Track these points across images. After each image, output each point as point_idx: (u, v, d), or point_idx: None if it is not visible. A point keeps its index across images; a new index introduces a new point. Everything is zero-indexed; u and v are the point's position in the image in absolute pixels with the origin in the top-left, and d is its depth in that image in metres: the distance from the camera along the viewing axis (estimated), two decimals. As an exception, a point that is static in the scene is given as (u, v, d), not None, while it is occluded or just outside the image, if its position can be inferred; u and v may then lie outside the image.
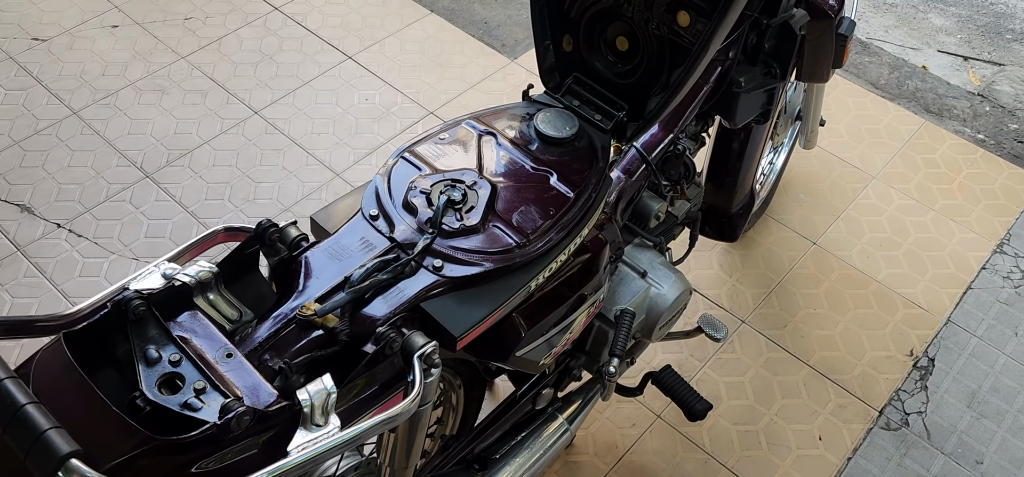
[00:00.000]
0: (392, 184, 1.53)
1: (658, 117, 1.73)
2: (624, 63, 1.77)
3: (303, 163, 2.83)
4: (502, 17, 3.48)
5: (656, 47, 1.70)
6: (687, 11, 1.63)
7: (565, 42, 1.83)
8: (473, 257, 1.44)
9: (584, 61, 1.82)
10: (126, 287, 1.26)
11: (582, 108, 1.80)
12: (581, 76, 1.83)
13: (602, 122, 1.76)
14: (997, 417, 2.31)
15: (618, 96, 1.79)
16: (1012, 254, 2.71)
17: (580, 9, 1.77)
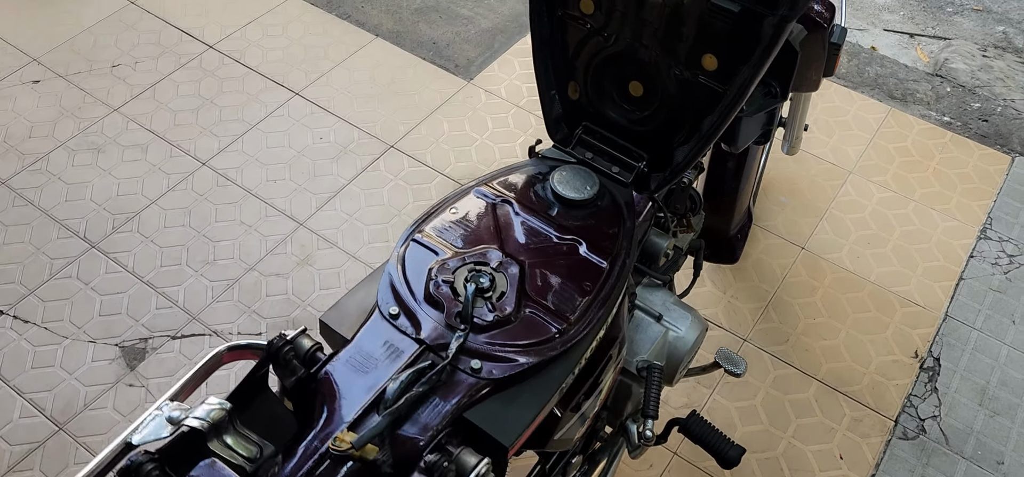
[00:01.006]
0: (408, 274, 1.38)
1: (688, 168, 1.61)
2: (640, 109, 1.65)
3: (262, 215, 2.64)
4: (450, 35, 3.33)
5: (677, 91, 1.58)
6: (714, 54, 1.51)
7: (571, 90, 1.70)
8: (513, 352, 1.30)
9: (594, 109, 1.69)
10: (130, 442, 1.09)
11: (596, 160, 1.67)
12: (592, 125, 1.70)
13: (621, 174, 1.64)
14: (1010, 413, 2.28)
15: (635, 144, 1.67)
16: (996, 238, 2.69)
17: (589, 54, 1.64)
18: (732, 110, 1.52)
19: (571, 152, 1.69)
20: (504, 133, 2.93)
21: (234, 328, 2.35)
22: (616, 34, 1.59)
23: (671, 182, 1.65)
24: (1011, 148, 3.00)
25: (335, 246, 2.56)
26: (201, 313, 2.38)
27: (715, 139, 1.57)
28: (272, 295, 2.43)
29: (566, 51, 1.67)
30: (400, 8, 3.44)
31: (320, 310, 2.39)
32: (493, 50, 3.27)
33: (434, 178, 2.77)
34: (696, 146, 1.59)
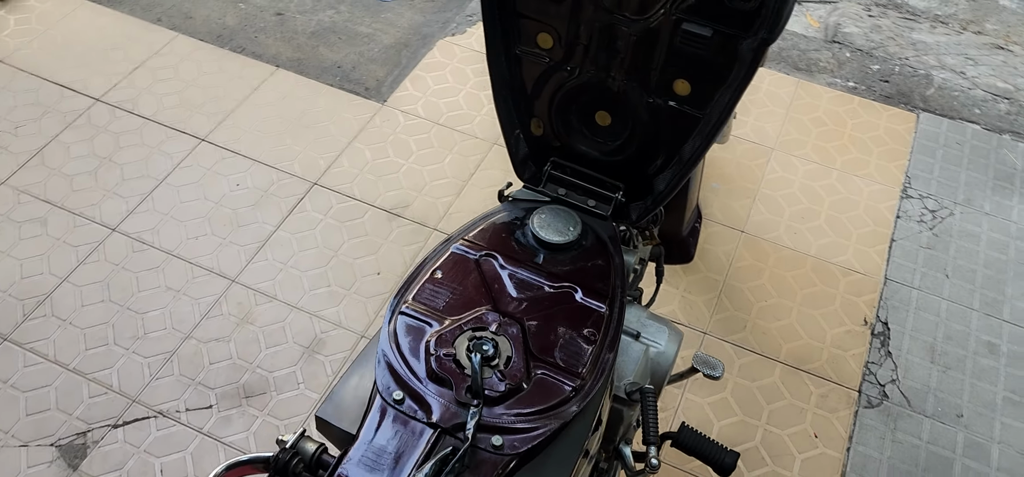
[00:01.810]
0: (403, 351, 1.29)
1: (671, 195, 1.58)
2: (610, 139, 1.61)
3: (188, 276, 2.47)
4: (353, 56, 3.21)
5: (649, 118, 1.54)
6: (687, 79, 1.47)
7: (534, 126, 1.65)
8: (532, 420, 1.24)
9: (561, 143, 1.64)
10: None
11: (571, 196, 1.62)
12: (560, 160, 1.65)
13: (599, 208, 1.60)
14: (959, 366, 2.37)
15: (609, 174, 1.63)
16: (917, 196, 2.80)
17: (551, 88, 1.59)
18: (715, 134, 1.49)
19: (543, 191, 1.64)
20: (430, 155, 2.84)
21: (180, 404, 2.19)
22: (579, 66, 1.54)
23: (653, 210, 1.62)
24: (914, 105, 3.12)
25: (274, 299, 2.42)
26: (141, 394, 2.21)
27: (697, 164, 1.55)
28: (216, 362, 2.28)
29: (526, 88, 1.61)
30: (295, 33, 3.29)
31: (270, 371, 2.26)
32: (401, 67, 3.17)
33: (366, 211, 2.66)
34: (678, 172, 1.56)
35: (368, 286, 2.46)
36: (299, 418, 2.18)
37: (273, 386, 2.24)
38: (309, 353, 2.31)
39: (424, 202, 2.69)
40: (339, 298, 2.43)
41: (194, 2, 3.40)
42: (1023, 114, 3.10)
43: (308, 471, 1.20)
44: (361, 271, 2.50)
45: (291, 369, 2.27)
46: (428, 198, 2.70)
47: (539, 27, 1.52)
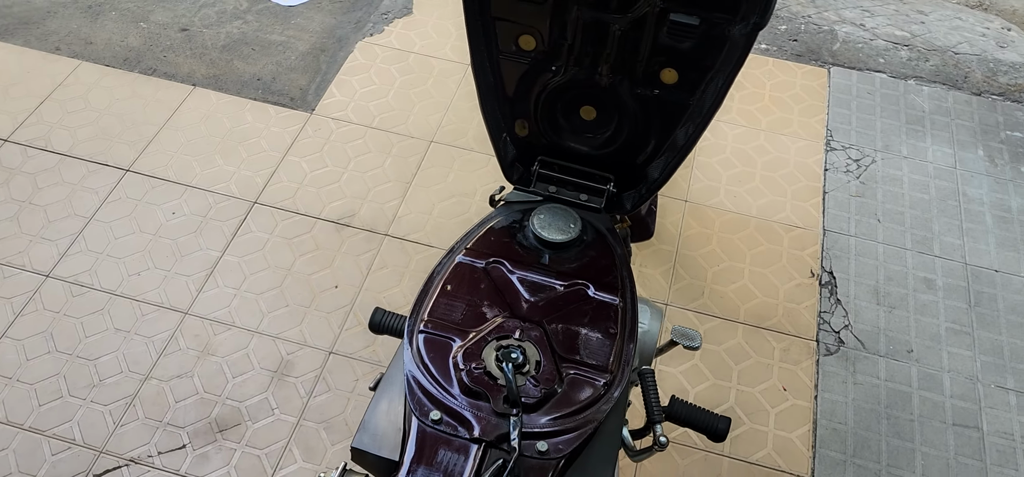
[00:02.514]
0: (432, 370, 1.29)
1: (666, 181, 1.61)
2: (597, 132, 1.62)
3: (137, 315, 2.37)
4: (272, 68, 3.13)
5: (637, 108, 1.57)
6: (674, 68, 1.50)
7: (519, 127, 1.65)
8: (571, 421, 1.26)
9: (547, 141, 1.65)
10: None
11: (562, 192, 1.64)
12: (548, 158, 1.66)
13: (592, 202, 1.62)
14: (903, 304, 2.51)
15: (598, 167, 1.65)
16: (840, 147, 2.93)
17: (536, 88, 1.59)
18: (710, 118, 1.53)
19: (534, 191, 1.65)
20: (369, 160, 2.80)
21: (151, 449, 2.11)
22: (564, 64, 1.56)
23: (648, 198, 1.65)
24: (824, 61, 3.26)
25: (233, 326, 2.35)
26: (107, 444, 2.11)
27: (692, 149, 1.59)
28: (182, 400, 2.20)
29: (510, 90, 1.61)
30: (206, 49, 3.18)
31: (241, 401, 2.20)
32: (323, 73, 3.11)
33: (312, 225, 2.60)
34: (674, 159, 1.59)
35: (328, 301, 2.42)
36: (279, 444, 2.12)
37: (247, 416, 2.17)
38: (278, 377, 2.25)
39: (371, 208, 2.65)
40: (300, 317, 2.38)
41: (92, 27, 3.24)
42: (922, 59, 3.28)
43: None
44: (318, 287, 2.45)
45: (262, 396, 2.21)
46: (374, 204, 2.67)
47: (521, 30, 1.52)
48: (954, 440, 2.22)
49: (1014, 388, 2.33)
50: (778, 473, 2.14)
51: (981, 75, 3.22)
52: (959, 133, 3.00)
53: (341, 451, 2.12)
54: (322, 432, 2.15)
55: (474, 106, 3.00)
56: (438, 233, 2.60)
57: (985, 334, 2.44)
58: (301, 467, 2.09)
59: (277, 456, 2.11)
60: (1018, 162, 2.92)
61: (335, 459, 2.11)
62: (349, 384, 2.24)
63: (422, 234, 2.59)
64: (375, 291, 2.44)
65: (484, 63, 1.58)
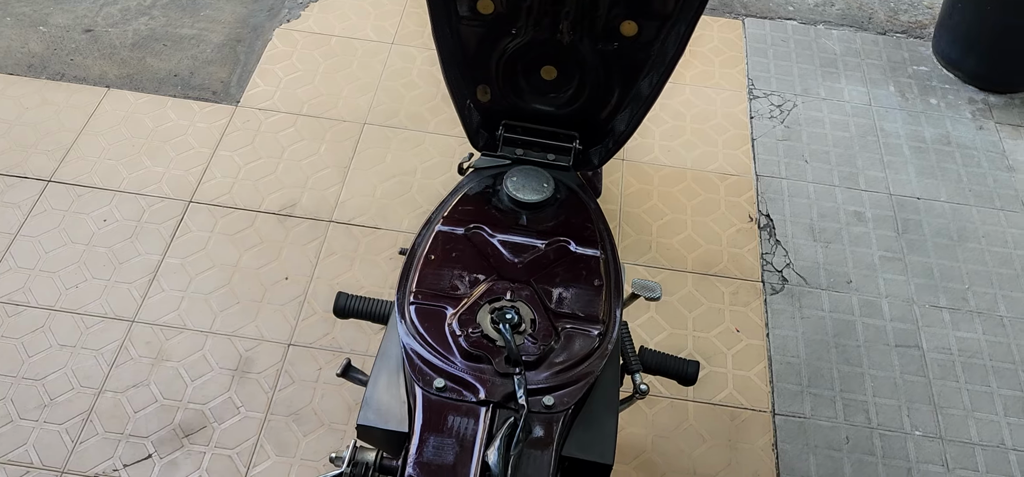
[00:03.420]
0: (429, 339, 1.30)
1: (632, 133, 1.64)
2: (558, 91, 1.64)
3: (81, 328, 2.28)
4: (188, 63, 3.03)
5: (598, 63, 1.59)
6: (634, 20, 1.53)
7: (480, 93, 1.66)
8: (572, 374, 1.29)
9: (509, 104, 1.66)
10: None
11: (529, 155, 1.65)
12: (512, 122, 1.67)
13: (560, 160, 1.64)
14: (837, 238, 2.62)
15: (562, 126, 1.67)
16: (762, 95, 3.03)
17: (496, 52, 1.60)
18: (673, 67, 1.56)
19: (502, 155, 1.66)
20: (303, 147, 2.75)
21: (115, 463, 2.04)
22: (523, 25, 1.57)
23: (615, 152, 1.67)
24: (736, 12, 3.36)
25: (185, 329, 2.28)
26: (68, 463, 2.03)
27: (656, 99, 1.62)
28: (141, 409, 2.13)
29: (469, 56, 1.62)
30: (114, 48, 3.06)
31: (203, 403, 2.14)
32: (243, 64, 3.03)
33: (253, 219, 2.55)
34: (640, 110, 1.62)
35: (280, 293, 2.37)
36: (249, 442, 2.08)
37: (212, 417, 2.12)
38: (240, 375, 2.20)
39: (312, 196, 2.61)
40: (253, 312, 2.33)
41: (-11, 34, 3.07)
42: (829, 4, 3.41)
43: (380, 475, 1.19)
44: (268, 280, 2.40)
45: (225, 396, 2.16)
46: (314, 191, 2.62)
47: None
48: (898, 360, 2.35)
49: (947, 306, 2.47)
50: (741, 410, 2.22)
51: (884, 15, 3.38)
52: (870, 72, 3.14)
53: (313, 441, 2.09)
54: (292, 425, 2.12)
55: (405, 84, 2.98)
56: (384, 215, 2.58)
57: (915, 258, 2.58)
58: (275, 462, 2.06)
59: (249, 454, 2.07)
60: (927, 95, 3.08)
61: (309, 451, 2.08)
62: (313, 374, 2.21)
63: (367, 217, 2.57)
64: (327, 279, 2.41)
65: (445, 30, 1.58)
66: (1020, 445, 2.20)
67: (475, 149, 1.69)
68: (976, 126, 2.99)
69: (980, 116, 3.03)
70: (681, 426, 2.17)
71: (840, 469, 2.12)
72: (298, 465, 2.06)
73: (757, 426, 2.19)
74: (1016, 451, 2.19)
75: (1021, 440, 2.21)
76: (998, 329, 2.43)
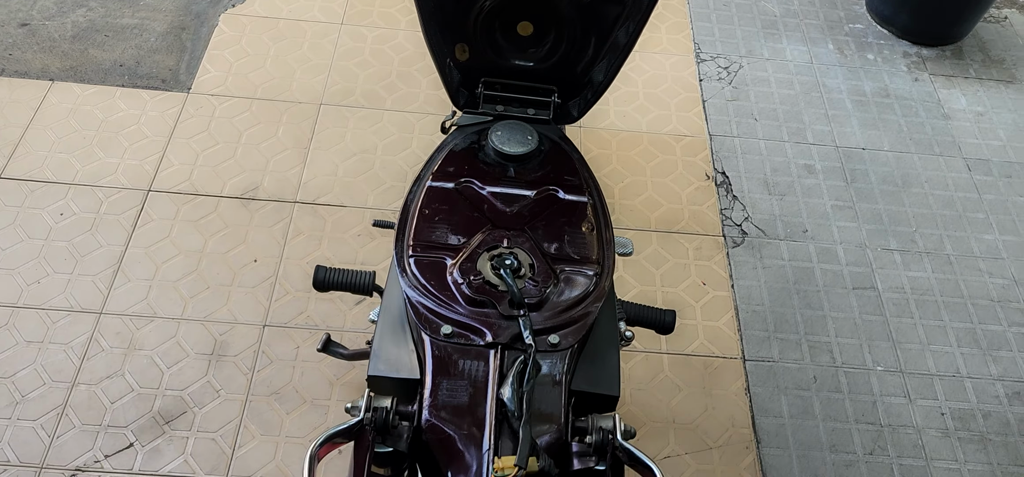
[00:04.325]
0: (432, 289, 1.32)
1: (611, 82, 1.68)
2: (536, 46, 1.67)
3: (47, 324, 2.23)
4: (133, 52, 2.97)
5: (575, 15, 1.62)
6: None
7: (458, 52, 1.68)
8: (573, 313, 1.32)
9: (487, 61, 1.68)
10: None
11: (509, 110, 1.68)
12: (491, 79, 1.69)
13: (541, 114, 1.67)
14: (790, 190, 2.72)
15: (540, 81, 1.70)
16: (709, 58, 3.11)
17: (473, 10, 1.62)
18: (648, 14, 1.60)
19: (483, 112, 1.68)
20: (260, 131, 2.72)
21: (96, 454, 2.00)
22: None
23: (594, 103, 1.71)
24: (678, -19, 3.43)
25: (155, 317, 2.25)
26: (47, 458, 1.99)
27: (633, 47, 1.66)
28: (118, 399, 2.10)
29: (447, 15, 1.63)
30: (53, 41, 2.98)
31: (181, 389, 2.12)
32: (189, 51, 2.98)
33: (216, 204, 2.52)
34: (617, 60, 1.66)
35: (250, 276, 2.36)
36: (232, 424, 2.07)
37: (191, 402, 2.10)
38: (216, 359, 2.19)
39: (273, 179, 2.59)
40: (224, 297, 2.31)
41: (-81, 32, 2.96)
42: (765, -31, 3.51)
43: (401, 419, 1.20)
44: (236, 263, 2.38)
45: (203, 380, 2.14)
46: (276, 173, 2.61)
47: None
48: (856, 302, 2.45)
49: (897, 248, 2.58)
50: (713, 359, 2.29)
51: (818, -23, 3.49)
52: (809, 31, 3.25)
53: (297, 418, 2.09)
54: (274, 404, 2.12)
55: (358, 63, 2.97)
56: (348, 192, 2.58)
57: (864, 205, 2.69)
58: (260, 441, 2.05)
59: (233, 435, 2.06)
60: (863, 51, 3.20)
61: (294, 429, 2.08)
62: (290, 353, 2.21)
63: (332, 196, 2.56)
64: (296, 259, 2.40)
65: None
66: (974, 373, 2.32)
67: (457, 107, 1.71)
68: (912, 78, 3.12)
69: (915, 69, 3.16)
70: (657, 378, 2.23)
71: (810, 407, 2.21)
72: (284, 442, 2.06)
73: (729, 373, 2.26)
74: (971, 378, 2.30)
75: (974, 368, 2.32)
76: (946, 267, 2.55)
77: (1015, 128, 3.00)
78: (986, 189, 2.78)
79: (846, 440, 2.16)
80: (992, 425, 2.22)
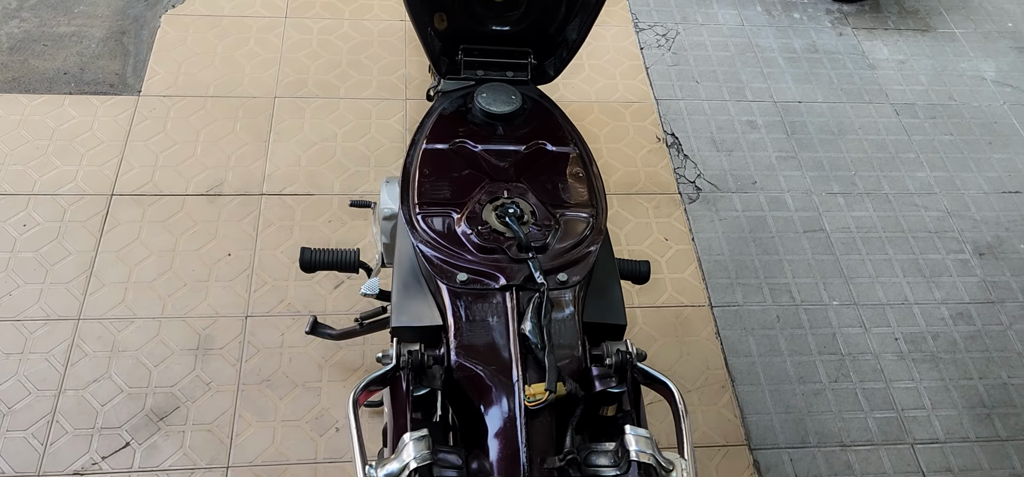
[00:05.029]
0: (443, 242, 1.39)
1: (584, 40, 1.76)
2: (510, 9, 1.74)
3: (24, 334, 2.21)
4: (75, 59, 2.93)
5: None
6: None
7: (437, 21, 1.74)
8: (578, 252, 1.41)
9: (464, 28, 1.75)
10: None
11: (489, 75, 1.75)
12: (469, 46, 1.76)
13: (519, 76, 1.75)
14: (737, 146, 2.86)
15: (515, 44, 1.77)
16: (647, 26, 3.23)
17: None
18: None
19: (465, 77, 1.75)
20: (217, 128, 2.73)
21: (94, 456, 2.01)
22: None
23: (569, 60, 1.79)
24: (609, -45, 3.54)
25: (135, 319, 2.25)
26: (42, 466, 1.99)
27: (604, 4, 1.74)
28: (108, 402, 2.10)
29: None
30: (-9, 55, 2.92)
31: (171, 385, 2.13)
32: (134, 54, 2.96)
33: (183, 202, 2.52)
34: (589, 17, 1.74)
35: (225, 270, 2.37)
36: (227, 414, 2.10)
37: (183, 397, 2.12)
38: (202, 353, 2.20)
39: (237, 174, 2.61)
40: (202, 292, 2.32)
41: None
42: (690, -61, 3.65)
43: (434, 363, 1.27)
44: (211, 259, 2.40)
45: (192, 375, 2.16)
46: (239, 168, 2.62)
47: None
48: (808, 244, 2.60)
49: (840, 191, 2.75)
50: (683, 308, 2.41)
51: (741, -57, 3.64)
52: (738, -5, 3.40)
53: (290, 403, 2.13)
54: (266, 390, 2.15)
55: (308, 55, 2.99)
56: (313, 181, 2.61)
57: (806, 154, 2.85)
58: (257, 429, 2.08)
59: (229, 425, 2.08)
60: (789, 10, 3.37)
61: (288, 412, 2.11)
62: (276, 340, 2.24)
63: (298, 185, 2.59)
64: (270, 249, 2.43)
65: None
66: (920, 299, 2.49)
67: (439, 74, 1.77)
68: (836, 33, 3.30)
69: (838, 24, 3.34)
70: (632, 331, 2.34)
71: (776, 344, 2.35)
72: (281, 426, 2.09)
73: (699, 320, 2.38)
74: (918, 304, 2.48)
75: (920, 295, 2.50)
76: (885, 205, 2.72)
77: (934, 73, 3.21)
78: (914, 131, 2.97)
79: (812, 371, 2.30)
80: (941, 345, 2.39)
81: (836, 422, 2.20)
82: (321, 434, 2.08)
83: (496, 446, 1.17)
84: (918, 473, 2.13)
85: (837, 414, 2.22)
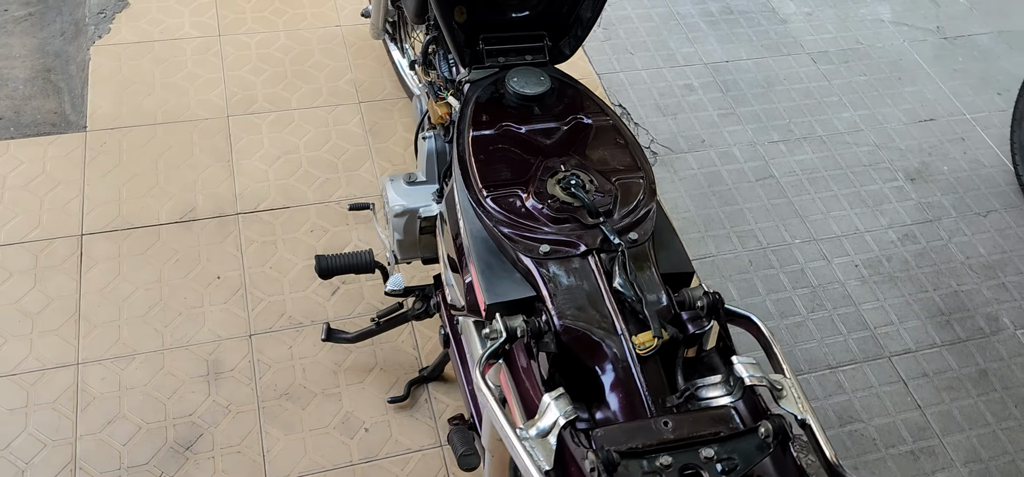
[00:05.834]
0: (514, 219, 1.47)
1: (598, 17, 1.86)
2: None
3: (24, 387, 2.13)
4: (7, 104, 2.81)
5: None
6: None
7: (458, 14, 1.80)
8: (640, 211, 1.51)
9: (483, 19, 1.81)
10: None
11: (510, 61, 1.82)
12: (489, 35, 1.82)
13: (538, 59, 1.83)
14: (680, 109, 3.02)
15: (530, 29, 1.85)
16: (575, 7, 3.35)
17: None
18: None
19: (489, 66, 1.82)
20: (175, 154, 2.68)
21: (125, 499, 1.98)
22: None
23: (584, 38, 1.89)
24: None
25: (136, 355, 2.21)
26: (76, 517, 1.94)
27: None
28: (128, 440, 2.06)
29: None
30: (-88, 108, 2.77)
31: (190, 414, 2.11)
32: (66, 90, 2.86)
33: (158, 233, 2.47)
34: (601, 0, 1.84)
35: (218, 293, 2.36)
36: (253, 433, 2.10)
37: (205, 423, 2.11)
38: (213, 378, 2.19)
39: (206, 197, 2.58)
40: (199, 318, 2.30)
41: None
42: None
43: (548, 329, 1.35)
44: (200, 284, 2.37)
45: (207, 401, 2.15)
46: (207, 191, 2.59)
47: None
48: (762, 191, 2.79)
49: (780, 139, 2.95)
50: (663, 266, 2.55)
51: (645, -82, 3.81)
52: (653, -32, 3.57)
53: (314, 411, 2.15)
54: (288, 404, 2.16)
55: (251, 70, 2.97)
56: (286, 194, 2.61)
57: (743, 109, 3.04)
58: (287, 442, 2.09)
59: (257, 444, 2.09)
60: (701, -23, 3.57)
61: (314, 421, 2.13)
62: (285, 353, 2.25)
63: (271, 200, 2.59)
64: (258, 266, 2.42)
65: None
66: (870, 227, 2.72)
67: (464, 66, 1.83)
68: (747, -6, 3.52)
69: (747, -15, 3.56)
70: (623, 293, 2.46)
71: (754, 286, 2.52)
72: (309, 436, 2.11)
73: (681, 274, 2.53)
74: (869, 232, 2.70)
75: (868, 223, 2.73)
76: (821, 146, 2.95)
77: (839, 20, 3.47)
78: (832, 76, 3.21)
79: (790, 307, 2.49)
80: (895, 265, 2.62)
81: (821, 348, 2.40)
82: (351, 437, 2.11)
83: (616, 395, 1.27)
84: (899, 382, 2.35)
85: (820, 341, 2.41)
